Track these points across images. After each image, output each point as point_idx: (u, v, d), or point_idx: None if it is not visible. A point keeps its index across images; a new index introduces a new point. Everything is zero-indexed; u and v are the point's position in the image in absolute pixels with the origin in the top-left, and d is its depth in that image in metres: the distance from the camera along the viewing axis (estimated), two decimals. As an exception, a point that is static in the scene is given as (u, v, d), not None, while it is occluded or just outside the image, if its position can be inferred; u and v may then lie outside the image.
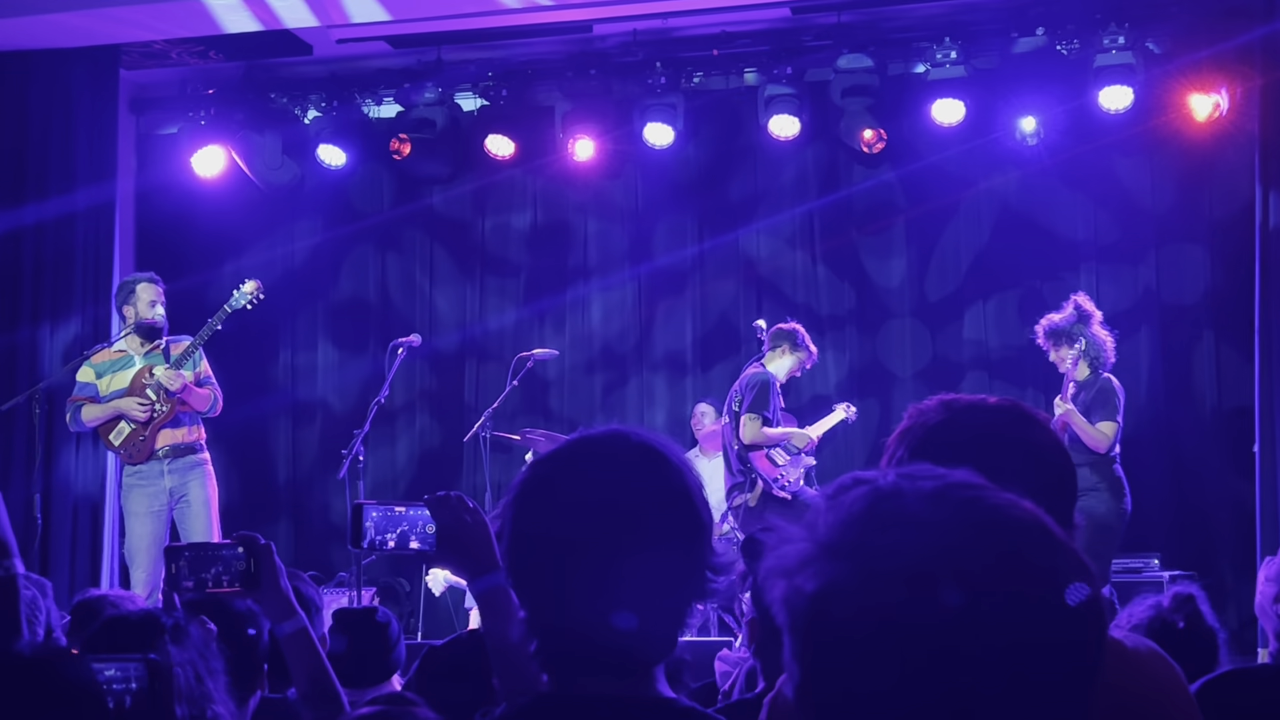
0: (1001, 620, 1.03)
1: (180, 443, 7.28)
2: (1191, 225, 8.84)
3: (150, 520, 7.22)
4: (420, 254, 9.98)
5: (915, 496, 1.09)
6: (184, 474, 7.27)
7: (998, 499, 1.10)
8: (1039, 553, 1.07)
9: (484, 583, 2.24)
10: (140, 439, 7.22)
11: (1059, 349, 7.19)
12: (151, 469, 7.26)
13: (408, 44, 9.24)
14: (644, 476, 1.71)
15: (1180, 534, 8.53)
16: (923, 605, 1.03)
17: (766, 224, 9.48)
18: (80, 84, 8.82)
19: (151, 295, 7.33)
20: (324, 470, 9.66)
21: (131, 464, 7.31)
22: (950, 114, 8.62)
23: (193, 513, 7.22)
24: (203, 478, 7.30)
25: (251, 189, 9.60)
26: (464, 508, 2.31)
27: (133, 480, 7.33)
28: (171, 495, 7.24)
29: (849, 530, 1.08)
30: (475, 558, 2.28)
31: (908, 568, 1.04)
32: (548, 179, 9.66)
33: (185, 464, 7.29)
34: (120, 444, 7.29)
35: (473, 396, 9.66)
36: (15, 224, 8.64)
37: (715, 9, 8.71)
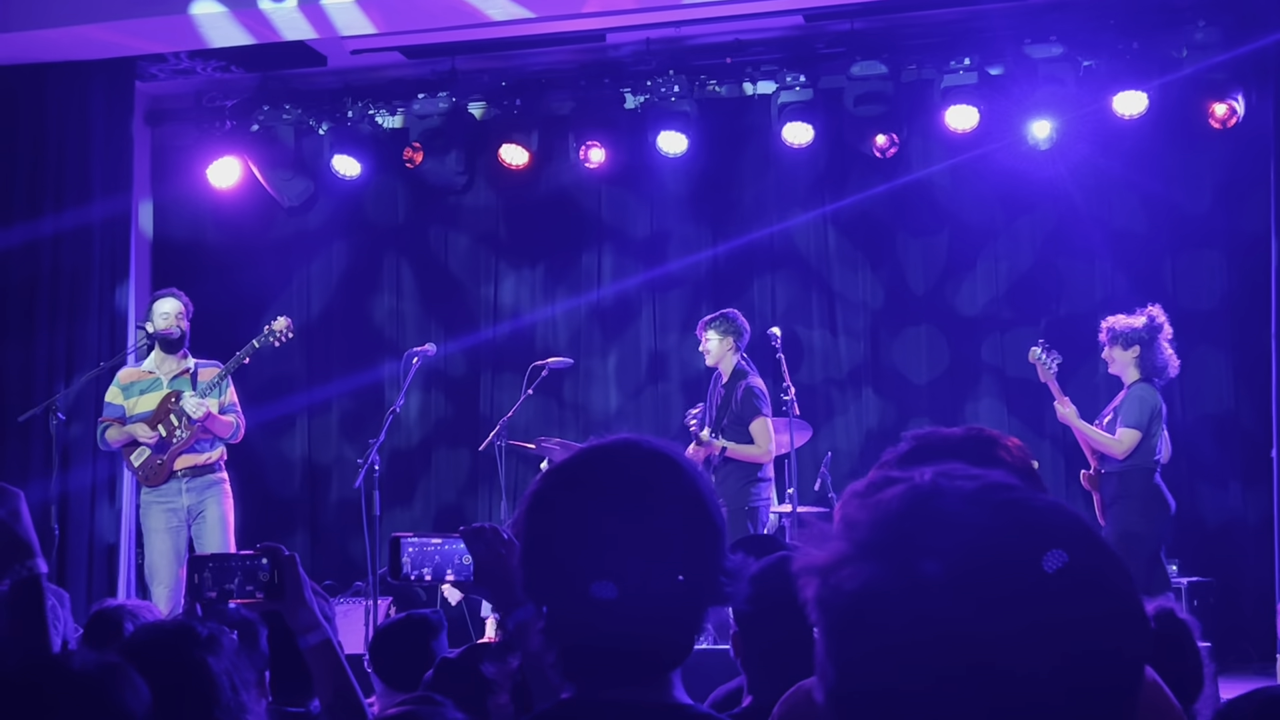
0: (1044, 626, 1.00)
1: (199, 464, 7.33)
2: (1208, 232, 8.81)
3: (169, 536, 7.28)
4: (434, 263, 9.99)
5: (955, 496, 1.06)
6: (201, 492, 7.32)
7: (1039, 501, 1.07)
8: (1082, 558, 1.04)
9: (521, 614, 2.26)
10: (158, 463, 7.28)
11: (1113, 348, 7.15)
12: (170, 488, 7.32)
13: (421, 54, 9.27)
14: (656, 482, 1.72)
15: (1198, 540, 8.49)
16: (965, 609, 1.01)
17: (780, 231, 9.48)
18: (96, 96, 8.86)
19: (167, 308, 7.39)
20: (340, 479, 9.69)
21: (149, 486, 7.36)
22: (964, 120, 8.61)
23: (208, 528, 7.27)
24: (220, 495, 7.35)
25: (267, 200, 9.63)
26: (499, 540, 2.33)
27: (150, 498, 7.38)
28: (189, 513, 7.30)
29: (888, 530, 1.06)
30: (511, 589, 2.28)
31: (950, 570, 1.02)
32: (562, 188, 9.67)
33: (203, 483, 7.33)
34: (139, 466, 7.35)
35: (488, 405, 9.67)
36: (32, 235, 8.67)
37: (728, 17, 8.72)
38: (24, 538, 2.52)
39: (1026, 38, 8.57)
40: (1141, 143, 8.71)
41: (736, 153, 9.53)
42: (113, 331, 8.81)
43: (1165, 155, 8.80)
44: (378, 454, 7.79)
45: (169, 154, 9.88)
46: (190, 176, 9.59)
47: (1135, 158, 8.83)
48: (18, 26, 8.30)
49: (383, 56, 9.34)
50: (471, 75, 9.37)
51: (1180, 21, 8.37)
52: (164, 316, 7.37)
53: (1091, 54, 8.49)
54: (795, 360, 8.87)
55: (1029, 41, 8.56)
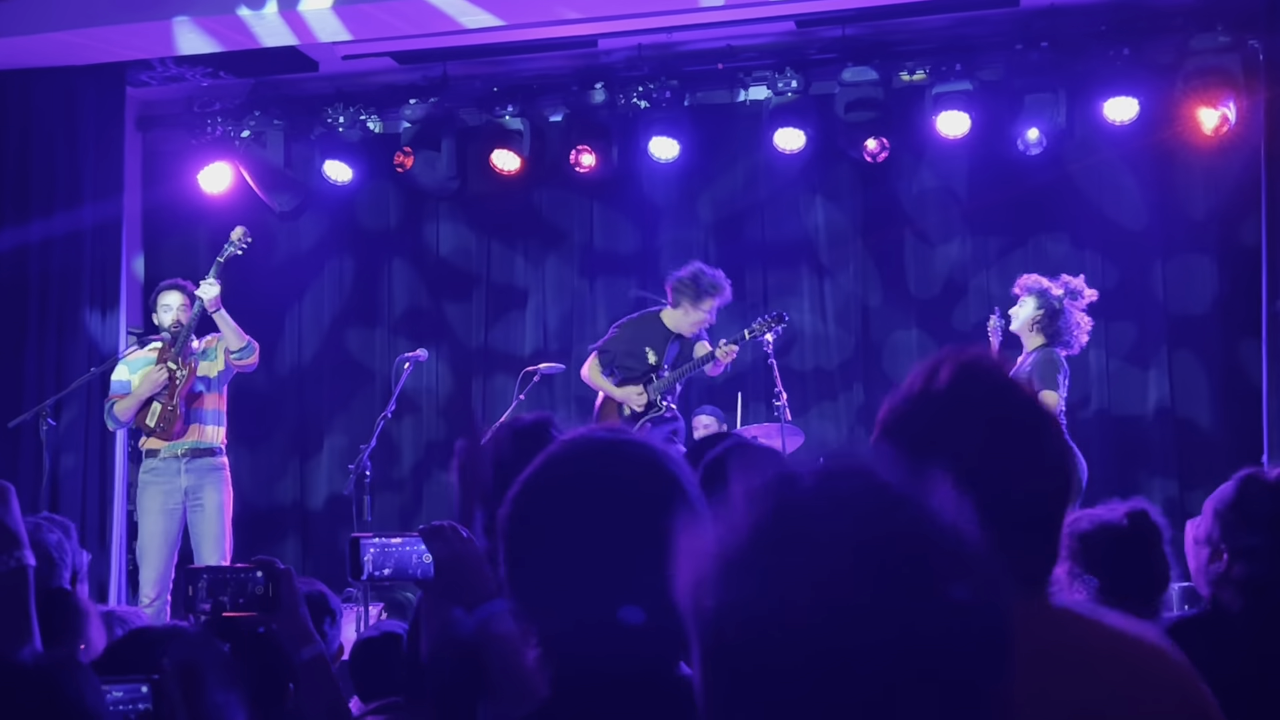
0: (896, 648, 1.01)
1: (201, 443, 7.31)
2: (1198, 237, 8.83)
3: (163, 518, 7.25)
4: (426, 268, 9.99)
5: (822, 513, 1.07)
6: (201, 475, 7.28)
7: (908, 513, 1.07)
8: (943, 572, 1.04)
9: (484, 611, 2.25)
10: (169, 409, 7.23)
11: (1021, 305, 7.14)
12: (169, 466, 7.28)
13: (413, 60, 9.27)
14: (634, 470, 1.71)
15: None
16: (820, 633, 1.01)
17: (772, 236, 9.49)
18: (86, 102, 8.84)
19: (168, 301, 7.41)
20: (331, 485, 9.68)
21: (165, 440, 7.26)
22: (955, 126, 8.63)
23: (205, 516, 7.24)
24: (219, 482, 7.32)
25: (258, 205, 9.62)
26: (458, 538, 2.32)
27: (149, 477, 7.35)
28: (187, 495, 7.26)
29: (752, 550, 1.06)
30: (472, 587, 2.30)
31: (805, 597, 1.02)
32: (553, 193, 9.67)
33: (203, 465, 7.30)
34: (155, 423, 7.28)
35: (480, 410, 9.66)
36: (22, 240, 8.66)
37: (720, 23, 8.74)
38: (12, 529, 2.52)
39: (1017, 43, 8.59)
40: (1132, 149, 8.73)
41: (728, 158, 9.54)
42: (103, 336, 8.79)
43: (1156, 162, 8.82)
44: (369, 459, 7.78)
45: (160, 159, 9.87)
46: (181, 182, 9.58)
47: (1126, 164, 8.85)
48: (7, 32, 8.28)
49: (374, 62, 9.34)
50: (463, 81, 9.37)
51: (1171, 28, 8.40)
52: (165, 310, 7.40)
53: (1082, 60, 8.50)
54: (786, 364, 8.87)
55: (1020, 47, 8.58)
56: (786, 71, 8.94)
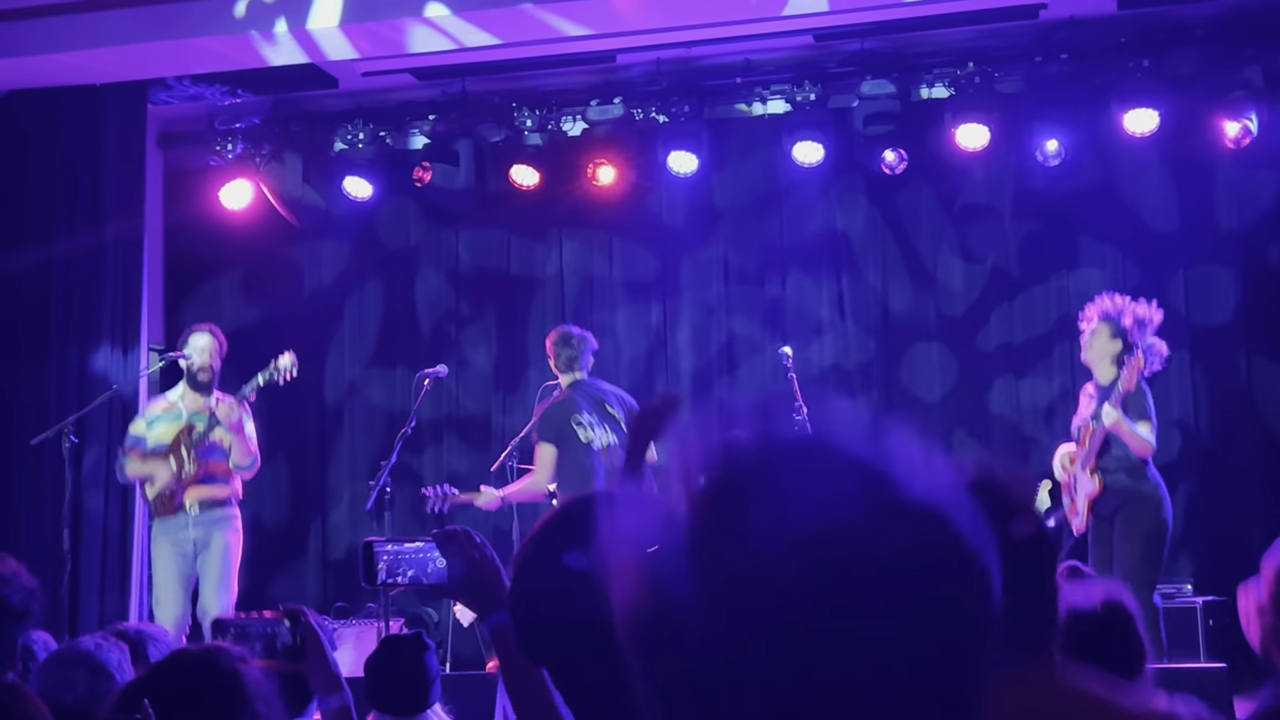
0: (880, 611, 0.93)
1: (209, 499, 7.41)
2: (1219, 248, 8.79)
3: (176, 564, 7.37)
4: (446, 284, 10.01)
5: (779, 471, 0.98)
6: (208, 527, 7.39)
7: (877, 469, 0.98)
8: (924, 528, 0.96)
9: (497, 618, 2.24)
10: (169, 493, 7.39)
11: (1096, 335, 7.05)
12: (178, 521, 7.41)
13: (433, 76, 9.30)
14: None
15: (1214, 559, 8.45)
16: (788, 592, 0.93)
17: (791, 250, 9.48)
18: (109, 120, 8.89)
19: (198, 344, 7.48)
20: (352, 501, 9.69)
21: (159, 517, 7.45)
22: (974, 139, 8.61)
23: (211, 558, 7.35)
24: (228, 530, 7.43)
25: (279, 221, 9.65)
26: (472, 544, 2.31)
27: (159, 530, 7.48)
28: (195, 545, 7.39)
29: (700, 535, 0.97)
30: (486, 593, 2.27)
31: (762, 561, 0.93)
32: (572, 208, 9.68)
33: (211, 517, 7.41)
34: (153, 498, 7.46)
35: (499, 426, 9.67)
36: (45, 258, 8.70)
37: (738, 37, 8.74)
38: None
39: (1037, 56, 8.57)
40: (1153, 160, 8.70)
41: (746, 172, 9.53)
42: (125, 354, 8.82)
43: (1177, 173, 8.78)
44: (389, 476, 7.79)
45: (181, 177, 9.92)
46: (203, 199, 9.63)
47: (1146, 175, 8.82)
48: (31, 50, 8.34)
49: (393, 78, 9.37)
50: (482, 97, 9.39)
51: (1192, 40, 8.37)
52: (200, 352, 7.46)
53: (1102, 72, 8.48)
54: (805, 379, 8.85)
55: (1039, 59, 8.56)
56: (805, 85, 8.94)
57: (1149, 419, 6.91)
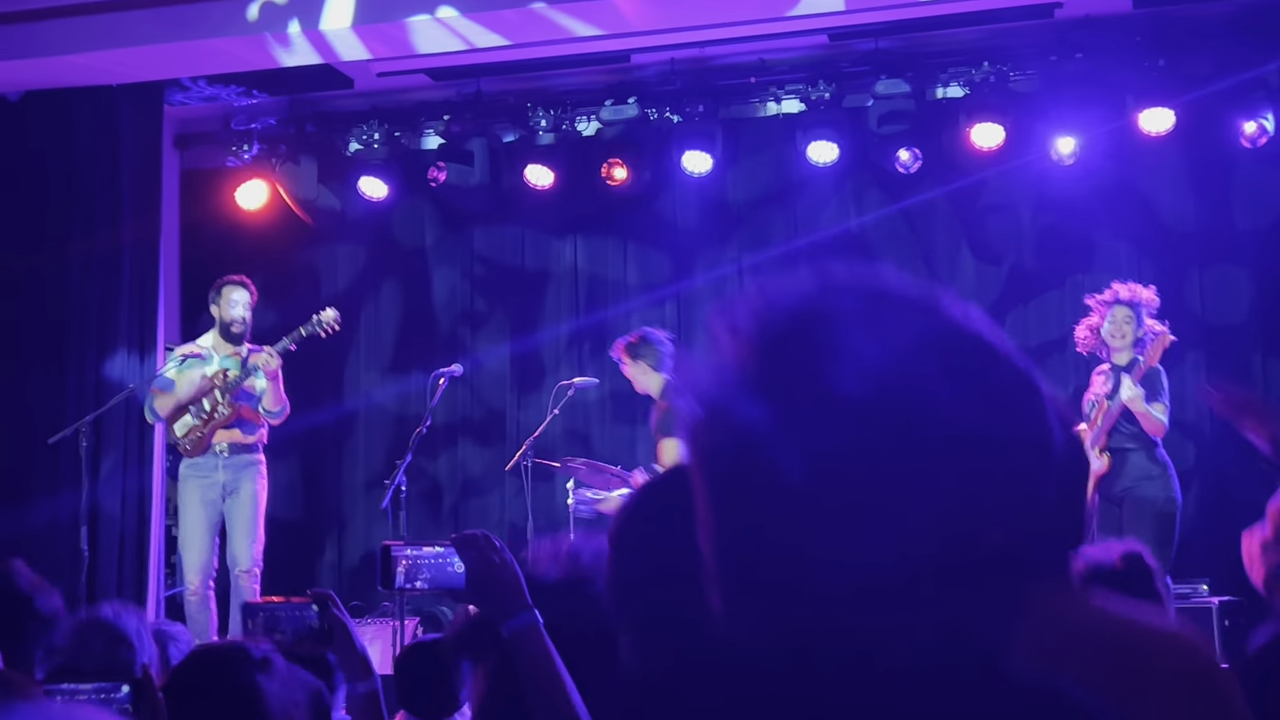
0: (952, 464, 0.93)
1: (238, 442, 7.69)
2: (1234, 247, 8.77)
3: (204, 509, 7.61)
4: (461, 284, 10.02)
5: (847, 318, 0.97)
6: (238, 470, 7.66)
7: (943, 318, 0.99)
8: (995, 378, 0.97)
9: (516, 622, 2.24)
10: (199, 435, 7.64)
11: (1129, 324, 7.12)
12: (207, 462, 7.67)
13: (447, 76, 9.31)
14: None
15: (1229, 558, 8.37)
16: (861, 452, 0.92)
17: (806, 249, 9.46)
18: (125, 121, 8.92)
19: (234, 297, 7.79)
20: (367, 500, 9.71)
21: (188, 457, 7.69)
22: (989, 138, 8.60)
23: (239, 504, 7.61)
24: (255, 476, 7.71)
25: (294, 221, 9.68)
26: (491, 547, 2.31)
27: (189, 472, 7.71)
28: (224, 489, 7.63)
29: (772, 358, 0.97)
30: (505, 597, 2.27)
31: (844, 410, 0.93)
32: (587, 208, 9.69)
33: (240, 461, 7.69)
34: (183, 436, 7.69)
35: (514, 425, 9.68)
36: (62, 258, 8.74)
37: (752, 37, 8.74)
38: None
39: (1052, 54, 8.55)
40: (1168, 159, 8.68)
41: (761, 172, 9.53)
42: (142, 354, 8.85)
43: (1193, 172, 8.76)
44: (404, 474, 7.81)
45: (197, 177, 9.96)
46: (219, 199, 9.66)
47: (1162, 174, 8.80)
48: (48, 51, 8.37)
49: (408, 79, 9.39)
50: (497, 97, 9.41)
51: (1208, 38, 8.34)
52: (230, 306, 7.77)
53: (1117, 71, 8.46)
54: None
55: (1054, 58, 8.54)
56: (819, 84, 8.94)
57: (1163, 400, 6.99)
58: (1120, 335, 7.15)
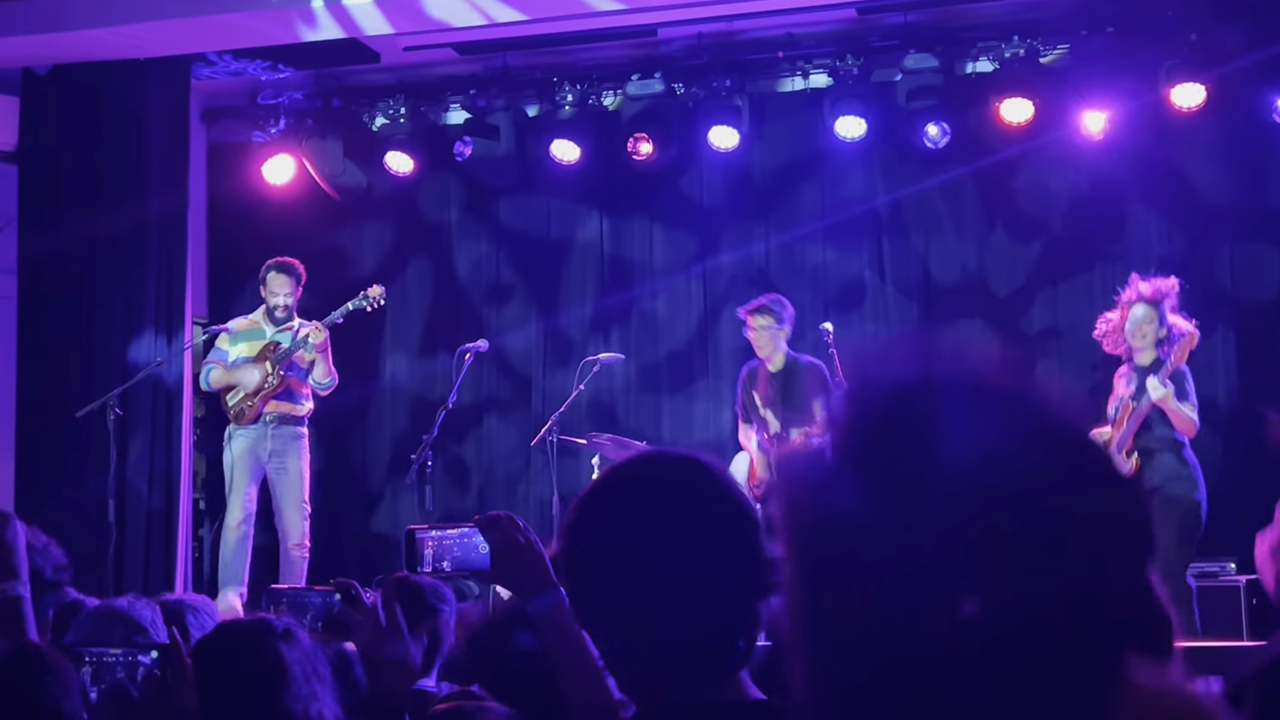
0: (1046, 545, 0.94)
1: (287, 413, 8.01)
2: (1266, 224, 8.70)
3: (248, 464, 7.98)
4: (487, 259, 10.02)
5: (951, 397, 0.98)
6: (285, 441, 8.00)
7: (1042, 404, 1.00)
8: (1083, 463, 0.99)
9: (542, 601, 2.24)
10: (249, 404, 7.97)
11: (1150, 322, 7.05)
12: (256, 430, 8.00)
13: (474, 51, 9.30)
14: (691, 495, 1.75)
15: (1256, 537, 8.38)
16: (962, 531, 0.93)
17: (833, 225, 9.43)
18: (153, 95, 8.95)
19: (277, 285, 8.14)
20: (393, 475, 9.73)
21: (238, 424, 8.01)
22: (1018, 112, 8.54)
23: (289, 479, 7.97)
24: (299, 450, 8.06)
25: (321, 196, 9.69)
26: (515, 528, 2.32)
27: (236, 435, 8.05)
28: (271, 456, 7.98)
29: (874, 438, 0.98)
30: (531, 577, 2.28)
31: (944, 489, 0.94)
32: (613, 183, 9.67)
33: (287, 433, 8.02)
34: (233, 404, 8.04)
35: (540, 401, 9.69)
36: (90, 233, 8.77)
37: (780, 10, 8.69)
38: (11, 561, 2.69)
39: (1082, 29, 8.48)
40: (1200, 136, 8.60)
41: (788, 147, 9.49)
42: (169, 327, 8.89)
43: (1224, 148, 8.68)
44: (430, 450, 7.83)
45: (224, 151, 9.98)
46: (245, 173, 9.68)
47: (1193, 151, 8.72)
48: (75, 26, 8.39)
49: (435, 53, 9.38)
50: (523, 71, 9.39)
51: (1239, 13, 8.26)
52: (274, 293, 8.14)
53: (1148, 45, 8.38)
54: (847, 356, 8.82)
55: (1084, 33, 8.47)
56: (847, 59, 8.89)
57: (1191, 399, 6.93)
58: (1141, 335, 7.05)
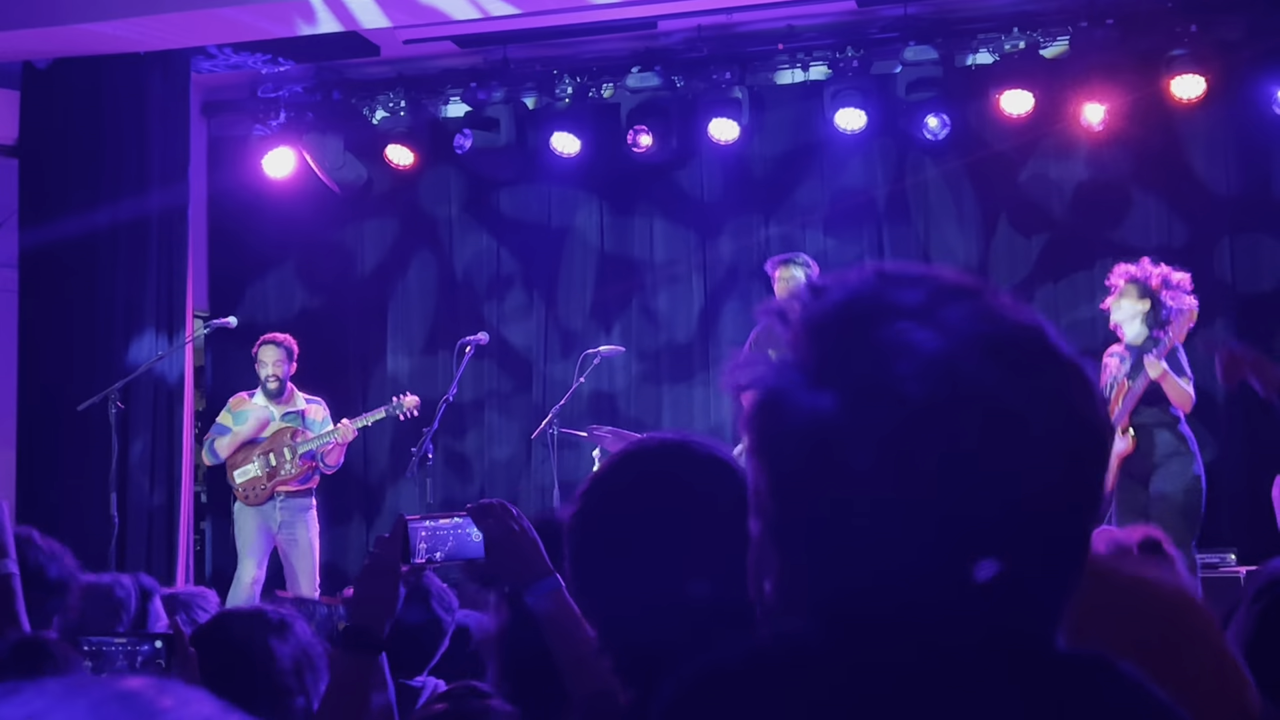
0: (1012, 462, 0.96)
1: (296, 490, 8.07)
2: (1265, 214, 8.70)
3: (260, 535, 8.01)
4: (488, 252, 10.02)
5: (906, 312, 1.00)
6: (294, 513, 8.05)
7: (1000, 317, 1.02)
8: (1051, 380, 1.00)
9: (540, 589, 2.24)
10: (261, 487, 8.00)
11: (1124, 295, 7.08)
12: (265, 506, 8.05)
13: (474, 44, 9.30)
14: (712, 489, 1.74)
15: (1258, 528, 8.38)
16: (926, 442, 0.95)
17: (833, 217, 9.43)
18: (153, 88, 8.94)
19: (264, 357, 8.14)
20: (394, 468, 9.74)
21: (248, 503, 8.05)
22: (1018, 104, 8.54)
23: (300, 552, 8.01)
24: (309, 521, 8.10)
25: (321, 189, 9.70)
26: (509, 516, 2.31)
27: (248, 511, 8.08)
28: (281, 527, 8.01)
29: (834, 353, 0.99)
30: (527, 565, 2.27)
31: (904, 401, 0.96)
32: (613, 176, 9.67)
33: (296, 505, 8.07)
34: (242, 484, 8.04)
35: (540, 393, 9.70)
36: (90, 227, 8.77)
37: (780, 2, 8.70)
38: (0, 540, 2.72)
39: (1082, 20, 8.48)
40: (1200, 128, 8.60)
41: (788, 139, 9.49)
42: (171, 321, 8.90)
43: (1225, 140, 8.68)
44: (430, 442, 7.84)
45: (225, 145, 9.98)
46: (246, 167, 9.68)
47: (1193, 142, 8.72)
48: (74, 19, 8.38)
49: (435, 46, 9.38)
50: (523, 64, 9.39)
51: (1239, 3, 8.26)
52: (261, 364, 8.14)
53: (1148, 37, 8.38)
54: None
55: (1084, 24, 8.47)
56: (847, 51, 8.89)
57: (1187, 374, 6.99)
58: (1128, 315, 7.12)
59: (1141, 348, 7.06)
